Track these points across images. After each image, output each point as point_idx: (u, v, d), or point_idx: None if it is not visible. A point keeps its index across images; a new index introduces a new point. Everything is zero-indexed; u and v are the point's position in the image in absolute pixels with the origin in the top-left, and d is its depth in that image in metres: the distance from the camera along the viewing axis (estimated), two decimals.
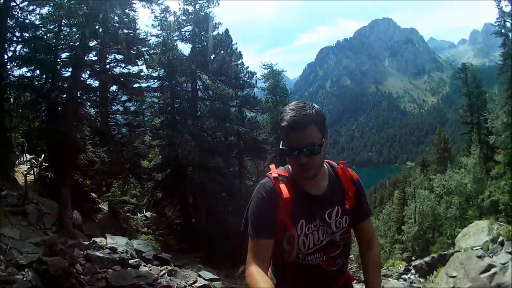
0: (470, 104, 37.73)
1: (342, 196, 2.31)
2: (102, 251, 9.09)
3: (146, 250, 11.74)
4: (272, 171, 2.30)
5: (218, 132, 24.00)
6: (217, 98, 23.36)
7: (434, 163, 45.79)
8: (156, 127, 22.43)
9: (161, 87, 22.83)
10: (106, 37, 18.20)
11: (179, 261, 15.52)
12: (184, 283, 9.68)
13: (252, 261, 2.04)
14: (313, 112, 2.11)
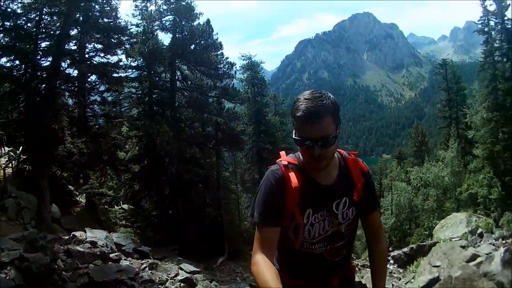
0: (449, 99, 38.35)
1: (351, 187, 2.26)
2: (83, 246, 8.95)
3: (126, 243, 11.61)
4: (282, 158, 2.24)
5: (196, 122, 23.73)
6: (196, 89, 23.08)
7: (411, 156, 46.52)
8: (133, 118, 21.99)
9: (139, 77, 22.38)
10: (87, 25, 17.91)
11: (158, 253, 15.42)
12: (166, 277, 9.58)
13: (258, 249, 2.02)
14: (329, 102, 2.01)
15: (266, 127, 32.81)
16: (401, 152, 54.43)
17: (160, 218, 20.82)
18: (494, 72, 28.43)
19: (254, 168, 32.83)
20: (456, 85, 37.82)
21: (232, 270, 20.34)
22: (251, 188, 33.03)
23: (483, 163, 28.10)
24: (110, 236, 11.24)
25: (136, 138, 21.57)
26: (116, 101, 21.18)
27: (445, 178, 31.09)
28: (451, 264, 7.81)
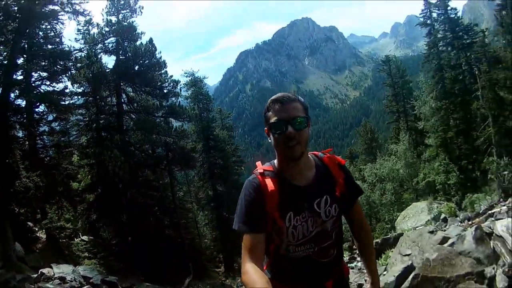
0: (395, 94, 39.48)
1: (331, 184, 2.30)
2: (52, 283, 8.76)
3: (93, 276, 11.43)
4: (258, 167, 2.30)
5: (145, 145, 23.37)
6: (142, 110, 22.79)
7: (363, 154, 47.39)
8: (83, 146, 21.40)
9: (85, 103, 21.75)
10: (32, 52, 17.48)
11: (126, 281, 15.26)
12: None
13: (246, 258, 2.00)
14: (299, 98, 2.25)
15: (215, 142, 33.01)
16: (352, 151, 55.55)
17: (120, 246, 20.29)
18: (439, 62, 29.60)
19: (207, 185, 32.80)
20: (401, 79, 38.99)
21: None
22: (206, 205, 33.27)
23: (437, 151, 29.02)
24: (76, 269, 11.01)
25: (87, 166, 21.03)
26: (64, 130, 20.61)
27: (400, 170, 31.84)
28: (422, 250, 7.85)
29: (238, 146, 43.46)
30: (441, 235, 7.95)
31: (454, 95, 28.00)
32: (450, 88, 28.36)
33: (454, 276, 5.22)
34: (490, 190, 20.99)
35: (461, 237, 6.61)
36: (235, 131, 45.58)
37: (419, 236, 8.73)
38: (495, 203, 17.34)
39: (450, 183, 26.91)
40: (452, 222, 17.62)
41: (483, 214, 16.21)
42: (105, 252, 19.14)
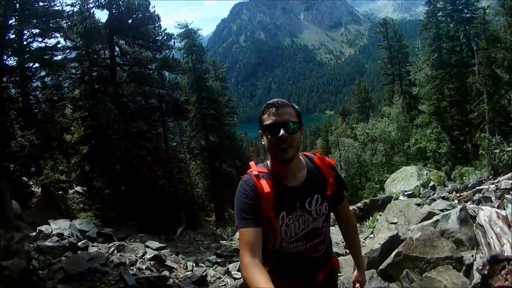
0: (391, 57, 39.13)
1: (323, 183, 2.45)
2: (51, 240, 8.81)
3: (89, 229, 11.48)
4: (252, 168, 2.44)
5: (138, 96, 23.13)
6: (135, 63, 22.50)
7: (355, 112, 47.38)
8: (76, 98, 21.16)
9: (78, 56, 21.30)
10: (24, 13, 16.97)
11: (120, 232, 15.39)
12: (135, 257, 9.50)
13: (245, 252, 2.07)
14: (293, 104, 2.35)
15: (208, 93, 32.81)
16: (345, 109, 55.56)
17: (114, 196, 20.41)
18: (437, 32, 29.37)
19: (200, 135, 32.83)
20: (397, 43, 38.63)
21: (193, 238, 20.43)
22: (199, 155, 33.42)
23: (429, 118, 29.14)
24: (73, 224, 11.03)
25: (81, 119, 20.86)
26: (57, 84, 20.24)
27: (392, 133, 32.01)
28: (408, 221, 8.08)
29: (231, 97, 43.48)
30: (427, 209, 8.15)
31: (451, 66, 27.96)
32: (447, 58, 28.34)
33: (434, 258, 5.42)
34: (481, 164, 21.14)
35: (446, 216, 6.78)
36: (228, 81, 45.36)
37: (406, 207, 8.91)
38: (484, 179, 17.58)
39: (441, 152, 27.14)
40: (440, 191, 17.89)
41: (471, 188, 16.46)
42: (100, 203, 19.25)
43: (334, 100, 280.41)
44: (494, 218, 5.54)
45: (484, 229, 5.51)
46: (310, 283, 2.53)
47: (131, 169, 20.76)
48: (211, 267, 11.13)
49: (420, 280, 4.89)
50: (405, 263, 5.49)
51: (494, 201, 12.44)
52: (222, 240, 20.81)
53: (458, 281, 4.84)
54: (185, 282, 8.25)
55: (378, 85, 56.74)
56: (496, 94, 23.49)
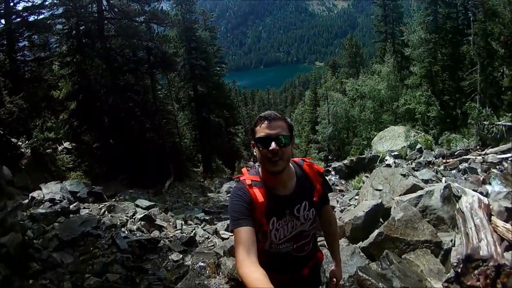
0: (385, 15, 38.71)
1: (310, 190, 2.56)
2: (43, 206, 8.90)
3: (79, 189, 11.57)
4: (244, 176, 2.49)
5: (126, 49, 22.74)
6: (124, 16, 21.84)
7: (345, 67, 46.93)
8: (63, 54, 20.74)
9: (65, 12, 20.64)
10: None
11: (109, 189, 15.51)
12: (125, 217, 9.67)
13: (240, 252, 2.11)
14: (285, 118, 2.41)
15: (197, 43, 32.30)
16: (335, 62, 55.03)
17: (103, 151, 20.39)
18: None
19: (188, 85, 32.62)
20: (392, 2, 38.01)
21: (181, 191, 20.65)
22: (187, 106, 33.34)
23: (420, 81, 29.00)
24: (64, 186, 11.09)
25: (68, 75, 20.53)
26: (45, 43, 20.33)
27: (381, 91, 32.00)
28: (393, 190, 8.18)
29: (220, 47, 42.92)
30: (412, 181, 8.14)
31: (445, 31, 27.68)
32: (442, 24, 28.06)
33: (414, 240, 5.53)
34: (469, 133, 21.25)
35: (430, 193, 6.86)
36: (218, 30, 44.59)
37: (392, 175, 8.99)
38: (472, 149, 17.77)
39: (430, 115, 27.32)
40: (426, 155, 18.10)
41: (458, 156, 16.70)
42: (89, 159, 19.22)
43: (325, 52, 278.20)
44: (475, 207, 5.61)
45: (465, 216, 5.60)
46: (295, 277, 2.66)
47: (119, 123, 20.65)
48: (200, 225, 11.34)
49: (399, 263, 4.99)
50: (386, 244, 5.60)
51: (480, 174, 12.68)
52: (209, 193, 21.05)
53: (434, 267, 4.99)
54: (175, 243, 8.45)
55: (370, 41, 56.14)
56: (490, 67, 23.38)
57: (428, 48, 28.16)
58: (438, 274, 4.82)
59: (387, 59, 33.70)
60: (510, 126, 17.79)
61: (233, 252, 6.71)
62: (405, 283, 4.42)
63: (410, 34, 30.59)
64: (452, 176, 12.81)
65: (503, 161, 13.61)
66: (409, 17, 35.92)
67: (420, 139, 20.81)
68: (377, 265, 5.29)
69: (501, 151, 15.01)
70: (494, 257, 4.06)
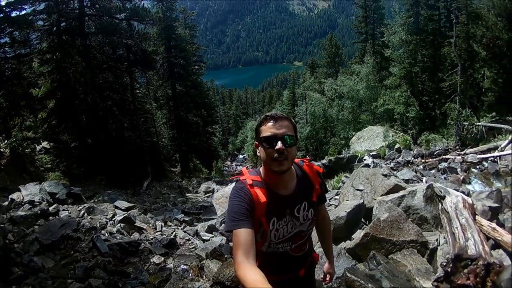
0: (366, 16, 38.87)
1: (310, 191, 2.55)
2: (23, 209, 8.80)
3: (58, 190, 11.49)
4: (245, 176, 2.45)
5: (106, 47, 22.51)
6: (105, 12, 21.61)
7: (324, 67, 47.03)
8: (43, 51, 20.45)
9: (46, 7, 20.38)
10: None
11: (88, 189, 15.51)
12: (105, 219, 9.62)
13: (238, 253, 2.08)
14: (290, 118, 2.39)
15: (177, 42, 32.40)
16: (314, 62, 55.01)
17: (81, 150, 20.15)
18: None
19: (166, 84, 32.63)
20: (374, 3, 38.26)
21: (159, 192, 20.60)
22: (165, 105, 33.15)
23: (399, 81, 29.20)
24: (43, 187, 11.07)
25: (48, 73, 20.23)
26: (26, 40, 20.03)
27: (360, 91, 32.21)
28: (374, 191, 8.21)
29: (199, 46, 42.81)
30: (394, 181, 8.18)
31: (426, 33, 27.94)
32: (424, 25, 28.26)
33: (400, 240, 5.55)
34: (448, 133, 21.48)
35: (412, 193, 6.93)
36: (197, 28, 44.45)
37: (373, 175, 9.00)
38: (451, 148, 17.99)
39: (409, 115, 27.54)
40: (405, 154, 18.25)
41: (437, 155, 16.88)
42: (67, 159, 18.99)
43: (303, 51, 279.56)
44: (460, 207, 5.67)
45: (450, 216, 5.65)
46: (292, 278, 2.66)
47: (98, 122, 20.43)
48: (180, 227, 11.31)
49: (386, 263, 5.01)
50: (372, 244, 5.61)
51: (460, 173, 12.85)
52: (187, 193, 21.00)
53: (422, 267, 5.00)
54: (156, 246, 8.37)
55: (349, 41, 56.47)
56: (470, 68, 23.73)
57: (408, 49, 28.40)
58: (426, 274, 4.83)
59: (366, 59, 33.94)
60: (490, 126, 18.09)
61: (215, 255, 6.69)
62: (394, 283, 4.43)
63: (390, 35, 30.79)
64: (432, 175, 12.95)
65: (483, 161, 13.81)
66: (390, 19, 36.27)
67: (399, 139, 20.99)
68: (365, 266, 5.32)
69: (481, 151, 15.21)
70: (483, 255, 4.11)
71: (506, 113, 19.72)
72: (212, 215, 13.44)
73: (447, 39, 25.08)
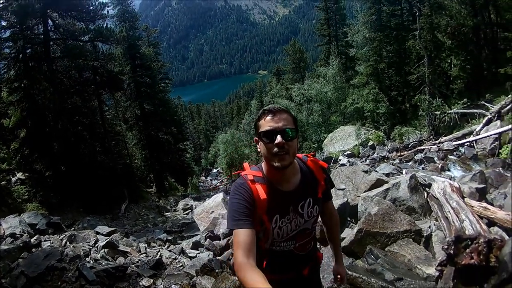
0: (327, 18, 39.32)
1: (314, 186, 2.47)
2: (5, 242, 8.59)
3: (38, 221, 11.32)
4: (246, 171, 2.40)
5: (72, 70, 22.19)
6: (69, 36, 21.39)
7: (290, 72, 47.29)
8: (11, 80, 20.11)
9: (12, 35, 20.11)
10: None
11: (67, 217, 15.39)
12: (88, 246, 9.42)
13: (239, 254, 2.05)
14: (290, 111, 2.32)
15: (142, 60, 32.07)
16: (279, 69, 55.44)
17: (55, 179, 19.76)
18: None
19: (134, 104, 32.15)
20: (335, 5, 38.64)
21: (137, 213, 20.36)
22: (134, 126, 32.80)
23: (367, 79, 29.51)
24: (22, 219, 10.92)
25: (17, 101, 19.88)
26: None
27: (328, 93, 32.40)
28: (356, 188, 8.26)
29: (164, 63, 42.77)
30: (376, 176, 8.27)
31: (390, 29, 28.40)
32: (386, 21, 28.77)
33: (394, 232, 5.58)
34: (420, 125, 21.84)
35: (396, 185, 7.00)
36: (160, 45, 44.45)
37: (353, 173, 9.05)
38: (425, 139, 18.31)
39: (379, 112, 27.80)
40: (379, 150, 18.48)
41: (412, 148, 17.14)
42: (43, 189, 18.65)
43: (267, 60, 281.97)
44: (449, 191, 5.75)
45: (439, 201, 5.71)
46: (296, 277, 2.60)
47: (69, 148, 20.12)
48: (164, 246, 11.18)
49: (385, 256, 5.03)
50: (367, 239, 5.62)
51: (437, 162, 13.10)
52: (166, 212, 20.86)
53: (421, 254, 5.04)
54: (143, 268, 8.22)
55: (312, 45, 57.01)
56: (437, 58, 24.16)
57: (373, 47, 28.77)
58: (426, 260, 4.87)
59: (331, 61, 34.24)
60: (463, 113, 18.47)
61: (206, 271, 6.61)
62: (397, 274, 4.43)
63: (354, 34, 31.06)
64: (409, 167, 13.18)
65: (459, 147, 14.11)
66: (352, 18, 36.76)
67: (372, 136, 21.24)
68: (363, 261, 5.31)
69: (455, 138, 15.58)
70: (482, 233, 4.14)
71: (477, 97, 20.12)
72: (195, 231, 13.28)
73: (411, 33, 25.48)
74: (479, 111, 17.15)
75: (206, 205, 13.97)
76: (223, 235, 10.60)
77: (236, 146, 42.85)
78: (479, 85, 21.98)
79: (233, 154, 42.90)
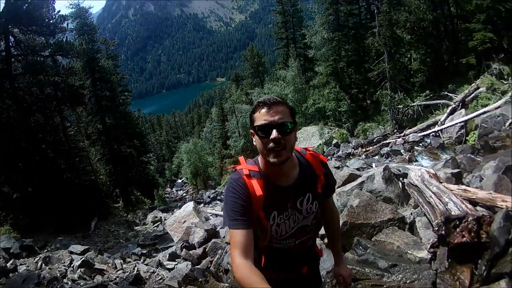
0: (285, 21, 39.61)
1: (314, 181, 2.35)
2: None
3: (11, 244, 11.13)
4: (242, 166, 2.29)
5: (34, 87, 21.73)
6: (30, 51, 20.90)
7: (249, 78, 47.30)
8: None
9: None
10: None
11: (39, 239, 15.04)
12: (64, 267, 9.28)
13: (236, 254, 2.01)
14: (287, 102, 2.21)
15: (101, 74, 31.60)
16: (238, 75, 55.37)
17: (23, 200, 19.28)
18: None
19: (96, 119, 31.62)
20: (292, 7, 39.00)
21: (108, 230, 20.03)
22: (97, 140, 32.21)
23: (327, 79, 29.86)
24: None
25: None
26: None
27: (288, 95, 32.51)
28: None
29: (124, 75, 42.42)
30: (348, 171, 8.38)
31: (348, 28, 29.03)
32: (344, 21, 29.44)
33: (378, 221, 5.64)
34: (383, 120, 22.24)
35: (371, 177, 7.11)
36: (119, 58, 43.97)
37: None
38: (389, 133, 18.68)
39: (341, 110, 28.11)
40: (344, 147, 18.73)
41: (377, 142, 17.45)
42: (13, 212, 18.21)
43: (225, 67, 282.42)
44: (427, 177, 5.87)
45: (419, 188, 5.81)
46: (295, 276, 2.54)
47: (34, 168, 19.66)
48: (139, 260, 11.09)
49: (373, 245, 5.11)
50: (352, 231, 5.67)
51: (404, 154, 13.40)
52: (136, 226, 20.66)
53: (409, 240, 5.16)
54: (122, 284, 8.14)
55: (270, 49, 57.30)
56: (397, 54, 24.73)
57: (332, 47, 29.26)
58: (416, 245, 4.97)
59: (290, 63, 34.59)
60: (426, 104, 18.90)
61: (188, 281, 6.58)
62: (390, 260, 4.49)
63: (312, 35, 31.61)
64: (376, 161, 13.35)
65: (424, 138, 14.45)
66: (309, 20, 37.10)
67: (335, 134, 21.50)
68: (352, 253, 5.32)
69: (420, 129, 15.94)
70: (469, 212, 4.25)
71: (439, 89, 20.59)
72: (168, 242, 13.18)
73: (369, 30, 26.05)
74: (443, 102, 17.59)
75: (177, 215, 13.88)
76: (198, 244, 10.59)
77: (199, 154, 42.71)
78: (440, 77, 22.58)
79: (196, 163, 42.75)
